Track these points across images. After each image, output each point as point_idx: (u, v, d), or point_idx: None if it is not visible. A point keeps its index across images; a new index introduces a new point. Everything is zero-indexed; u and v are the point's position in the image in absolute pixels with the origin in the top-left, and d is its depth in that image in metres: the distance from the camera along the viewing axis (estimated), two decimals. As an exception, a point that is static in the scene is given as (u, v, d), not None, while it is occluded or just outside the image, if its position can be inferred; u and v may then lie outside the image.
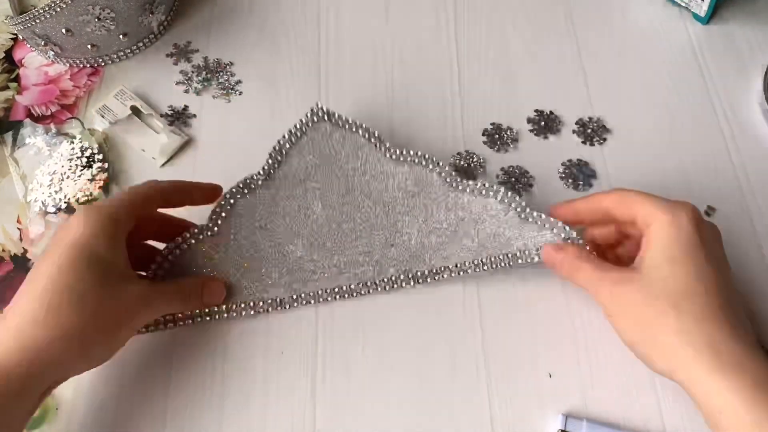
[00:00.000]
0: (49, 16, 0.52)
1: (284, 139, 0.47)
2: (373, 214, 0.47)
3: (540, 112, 0.54)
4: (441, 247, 0.46)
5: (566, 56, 0.57)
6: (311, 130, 0.47)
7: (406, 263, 0.46)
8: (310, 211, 0.47)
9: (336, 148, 0.48)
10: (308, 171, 0.48)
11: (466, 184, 0.47)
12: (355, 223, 0.47)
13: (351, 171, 0.48)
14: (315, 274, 0.46)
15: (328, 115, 0.48)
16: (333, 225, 0.47)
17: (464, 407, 0.43)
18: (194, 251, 0.45)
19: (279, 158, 0.47)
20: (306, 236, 0.47)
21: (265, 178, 0.47)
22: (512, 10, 0.60)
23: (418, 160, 0.47)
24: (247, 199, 0.47)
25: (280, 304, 0.46)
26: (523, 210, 0.45)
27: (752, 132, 0.53)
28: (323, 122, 0.47)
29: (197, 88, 0.56)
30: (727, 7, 0.59)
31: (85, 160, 0.51)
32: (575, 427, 0.41)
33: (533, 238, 0.45)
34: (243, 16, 0.61)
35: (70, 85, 0.57)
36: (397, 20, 0.60)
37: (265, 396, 0.43)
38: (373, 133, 0.48)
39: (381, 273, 0.46)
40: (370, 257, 0.46)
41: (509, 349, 0.45)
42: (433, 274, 0.46)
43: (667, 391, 0.43)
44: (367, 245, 0.47)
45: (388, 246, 0.47)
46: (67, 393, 0.44)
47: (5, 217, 0.51)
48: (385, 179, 0.48)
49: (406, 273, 0.46)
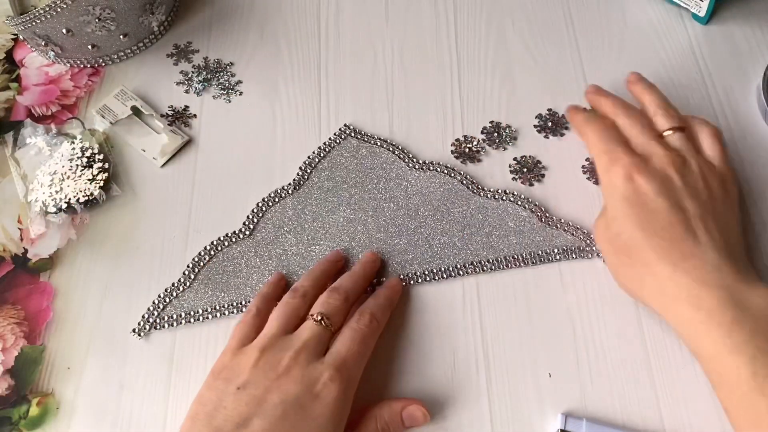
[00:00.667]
0: (50, 17, 0.52)
1: (314, 153, 0.52)
2: (398, 217, 0.49)
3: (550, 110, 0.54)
4: (463, 248, 0.47)
5: (566, 56, 0.57)
6: (339, 146, 0.52)
7: (428, 263, 0.47)
8: (336, 216, 0.49)
9: (363, 161, 0.51)
10: (336, 181, 0.50)
11: (488, 190, 0.49)
12: (378, 225, 0.48)
13: (376, 180, 0.50)
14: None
15: (355, 132, 0.52)
16: (359, 227, 0.48)
17: (464, 407, 0.43)
18: (228, 255, 0.48)
19: (309, 170, 0.51)
20: (331, 237, 0.48)
21: (295, 188, 0.50)
22: (512, 10, 0.60)
23: (440, 169, 0.50)
24: (277, 207, 0.49)
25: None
26: (543, 214, 0.48)
27: (751, 131, 0.53)
28: (351, 138, 0.52)
29: (197, 88, 0.56)
30: (726, 7, 0.59)
31: (85, 160, 0.52)
32: (575, 427, 0.41)
33: (553, 239, 0.47)
34: (243, 16, 0.61)
35: (71, 85, 0.57)
36: (397, 20, 0.60)
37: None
38: (397, 146, 0.52)
39: (403, 270, 0.47)
40: (392, 257, 0.47)
41: (509, 349, 0.45)
42: (456, 269, 0.47)
43: (666, 390, 0.43)
44: (390, 245, 0.48)
45: (411, 245, 0.48)
46: (67, 393, 0.44)
47: (6, 217, 0.51)
48: (409, 186, 0.50)
49: (428, 270, 0.47)
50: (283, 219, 0.49)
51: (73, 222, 0.50)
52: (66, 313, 0.47)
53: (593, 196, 0.50)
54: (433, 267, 0.47)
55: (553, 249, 0.47)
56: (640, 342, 0.44)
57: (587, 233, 0.48)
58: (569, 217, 0.49)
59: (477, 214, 0.49)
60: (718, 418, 0.42)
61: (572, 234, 0.48)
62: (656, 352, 0.44)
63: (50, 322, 0.47)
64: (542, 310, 0.46)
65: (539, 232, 0.48)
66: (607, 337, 0.45)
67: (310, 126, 0.54)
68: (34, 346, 0.46)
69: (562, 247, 0.47)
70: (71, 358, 0.45)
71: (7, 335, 0.46)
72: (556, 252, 0.47)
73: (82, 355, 0.45)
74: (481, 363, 0.44)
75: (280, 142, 0.53)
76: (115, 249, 0.49)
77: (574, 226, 0.48)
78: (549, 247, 0.47)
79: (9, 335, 0.46)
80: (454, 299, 0.46)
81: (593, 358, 0.44)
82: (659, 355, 0.44)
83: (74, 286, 0.48)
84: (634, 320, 0.45)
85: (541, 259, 0.47)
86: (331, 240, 0.48)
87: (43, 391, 0.44)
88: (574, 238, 0.47)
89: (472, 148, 0.52)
